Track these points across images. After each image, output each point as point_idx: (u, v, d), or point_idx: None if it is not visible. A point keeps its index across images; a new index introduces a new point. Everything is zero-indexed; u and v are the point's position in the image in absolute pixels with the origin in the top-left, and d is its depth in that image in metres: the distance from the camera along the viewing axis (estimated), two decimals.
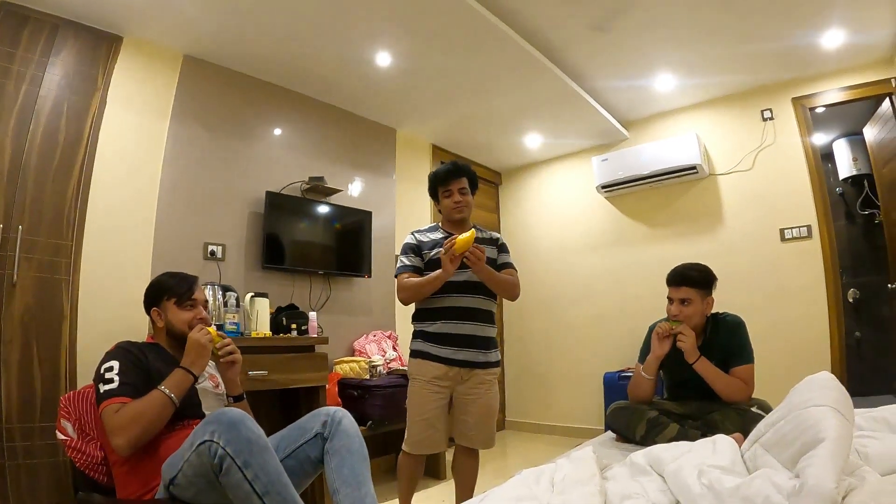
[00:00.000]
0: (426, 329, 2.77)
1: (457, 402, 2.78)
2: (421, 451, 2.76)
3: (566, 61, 4.40)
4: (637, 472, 1.70)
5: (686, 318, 2.70)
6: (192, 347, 2.02)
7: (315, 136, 4.69)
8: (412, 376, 2.79)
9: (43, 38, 3.21)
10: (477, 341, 2.76)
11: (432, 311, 2.77)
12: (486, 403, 2.78)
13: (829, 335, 4.35)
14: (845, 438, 1.33)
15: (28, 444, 2.84)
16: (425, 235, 2.90)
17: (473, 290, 2.77)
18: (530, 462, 2.27)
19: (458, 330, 2.72)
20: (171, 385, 1.88)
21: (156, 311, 2.18)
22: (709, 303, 2.76)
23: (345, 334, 4.56)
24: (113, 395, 1.82)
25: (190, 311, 2.17)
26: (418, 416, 2.71)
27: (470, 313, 2.76)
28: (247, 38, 3.76)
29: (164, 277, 2.24)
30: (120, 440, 1.74)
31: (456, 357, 2.70)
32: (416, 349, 2.79)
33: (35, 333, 2.97)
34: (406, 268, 2.80)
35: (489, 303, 2.86)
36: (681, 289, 2.73)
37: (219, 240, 3.90)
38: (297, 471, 1.98)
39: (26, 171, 3.04)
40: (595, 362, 5.60)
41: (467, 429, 2.77)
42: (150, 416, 1.80)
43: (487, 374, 2.80)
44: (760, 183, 4.84)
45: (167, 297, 2.17)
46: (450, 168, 2.88)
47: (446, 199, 2.87)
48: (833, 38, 4.05)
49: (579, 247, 6.03)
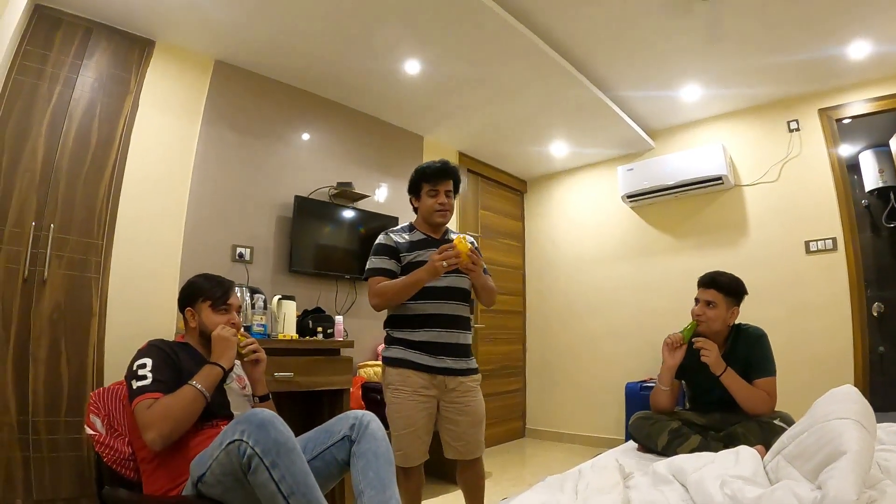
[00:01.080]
0: (408, 337, 2.63)
1: (443, 412, 2.64)
2: (411, 464, 2.62)
3: (592, 70, 4.42)
4: (659, 482, 1.73)
5: (707, 321, 2.73)
6: (217, 342, 2.08)
7: (343, 142, 4.75)
8: (395, 387, 2.60)
9: (76, 40, 3.28)
10: (459, 349, 2.68)
11: (414, 318, 2.64)
12: (474, 411, 2.67)
13: (852, 349, 4.32)
14: (867, 451, 1.35)
15: (53, 437, 2.91)
16: (401, 236, 2.74)
17: (455, 296, 2.69)
18: (550, 470, 2.29)
19: (442, 338, 2.62)
20: (201, 379, 1.93)
21: (190, 311, 2.23)
22: (733, 313, 2.77)
23: (370, 338, 4.60)
24: (146, 391, 1.87)
25: (224, 316, 2.22)
26: (407, 427, 2.57)
27: (453, 321, 2.66)
28: (277, 44, 3.83)
29: (201, 279, 2.28)
30: (153, 434, 1.78)
31: (441, 366, 2.59)
32: (397, 357, 2.63)
33: (63, 330, 3.03)
34: (379, 271, 2.65)
35: (468, 310, 2.78)
36: (709, 290, 2.75)
37: (247, 242, 3.96)
38: (324, 472, 1.99)
39: (58, 171, 3.11)
40: (617, 372, 5.60)
41: (454, 439, 2.65)
42: (182, 410, 1.84)
43: (472, 381, 2.70)
44: (786, 194, 4.82)
45: (202, 298, 2.22)
46: (440, 167, 2.71)
47: (430, 199, 2.71)
48: (860, 50, 4.03)
49: (603, 256, 6.03)
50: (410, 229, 2.80)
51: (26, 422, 2.84)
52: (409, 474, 2.66)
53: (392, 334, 2.71)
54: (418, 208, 2.81)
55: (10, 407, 2.80)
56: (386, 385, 2.66)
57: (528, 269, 6.81)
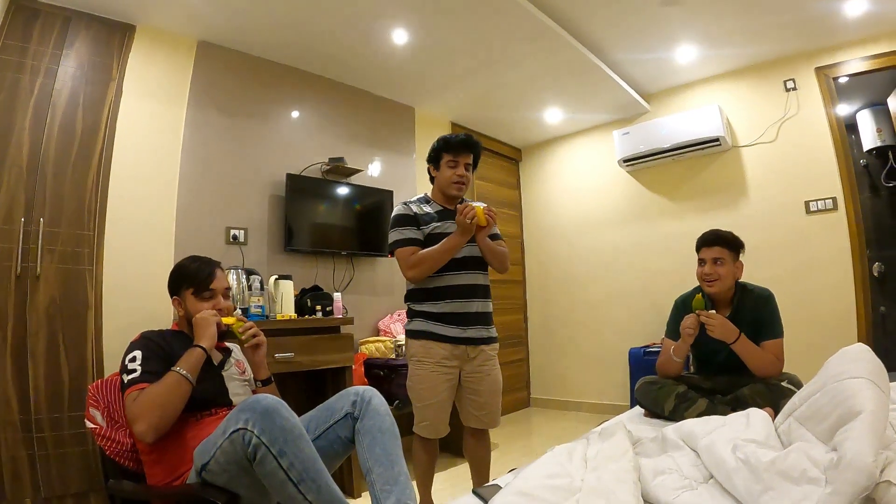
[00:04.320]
0: (430, 309, 2.65)
1: (465, 382, 2.67)
2: (438, 435, 2.67)
3: (585, 33, 4.33)
4: (669, 447, 1.71)
5: (720, 279, 2.69)
6: (196, 325, 2.04)
7: (333, 117, 4.68)
8: (417, 359, 2.64)
9: (55, 31, 3.21)
10: (482, 318, 2.69)
11: (434, 290, 2.65)
12: (494, 379, 2.71)
13: (855, 309, 4.32)
14: (882, 411, 1.32)
15: (57, 433, 2.90)
16: (419, 207, 2.74)
17: (474, 266, 2.70)
18: (556, 439, 2.27)
19: (464, 308, 2.64)
20: (184, 363, 1.88)
21: (176, 300, 2.18)
22: (739, 266, 2.76)
23: (369, 314, 4.59)
24: (134, 383, 1.84)
25: (208, 302, 2.15)
26: (430, 399, 2.60)
27: (473, 290, 2.68)
28: (260, 21, 3.74)
29: (186, 262, 2.22)
30: (141, 426, 1.75)
31: (463, 335, 2.62)
32: (420, 329, 2.66)
33: (60, 324, 3.00)
34: (408, 241, 2.63)
35: (487, 278, 2.79)
36: (713, 248, 2.72)
37: (241, 224, 3.92)
38: (328, 451, 1.97)
39: (45, 163, 3.06)
40: (620, 338, 5.60)
41: (477, 408, 2.69)
42: (167, 397, 1.80)
43: (492, 349, 2.73)
44: (784, 155, 4.77)
45: (186, 286, 2.16)
46: (464, 139, 2.72)
47: (450, 170, 2.72)
48: (856, 6, 3.96)
49: (601, 222, 5.99)
50: (427, 201, 2.82)
51: (29, 420, 2.82)
52: (427, 446, 2.70)
53: (413, 307, 2.74)
54: (436, 178, 2.82)
55: (11, 405, 2.79)
56: (409, 357, 2.70)
57: (527, 238, 6.78)
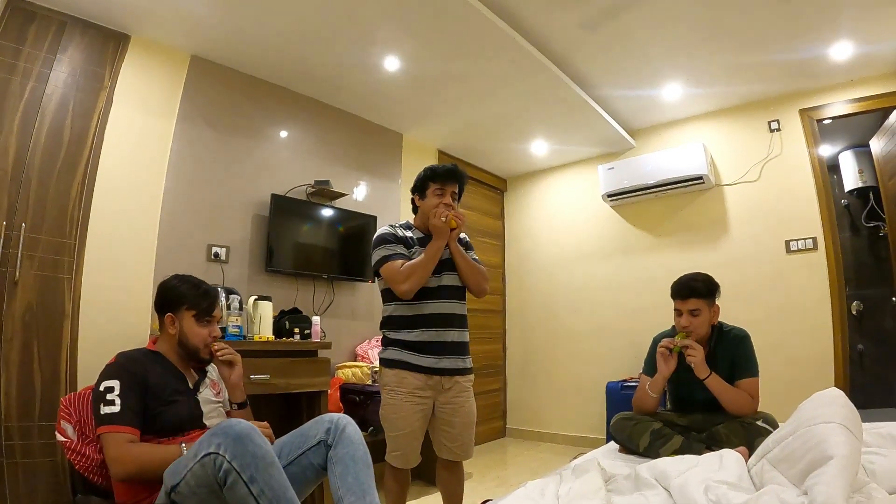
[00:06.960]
0: (404, 338, 2.58)
1: (439, 413, 2.60)
2: (409, 465, 2.62)
3: (574, 68, 4.40)
4: (642, 486, 1.70)
5: (696, 328, 2.70)
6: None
7: (321, 139, 4.68)
8: (391, 388, 2.56)
9: (50, 35, 3.20)
10: (458, 347, 2.63)
11: (410, 318, 2.59)
12: (468, 411, 2.65)
13: (832, 347, 4.33)
14: (854, 456, 1.32)
15: (27, 443, 2.83)
16: (402, 231, 2.70)
17: (451, 295, 2.65)
18: (531, 471, 2.26)
19: (440, 337, 2.57)
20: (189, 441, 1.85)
21: (170, 317, 2.13)
22: (715, 311, 2.77)
23: (347, 339, 4.55)
24: (115, 421, 1.80)
25: (206, 328, 2.15)
26: (403, 429, 2.54)
27: (450, 319, 2.62)
28: (255, 40, 3.76)
29: (187, 287, 2.17)
30: (119, 471, 1.73)
31: (438, 366, 2.55)
32: (394, 358, 2.59)
33: (36, 332, 2.95)
34: (395, 256, 2.56)
35: (464, 307, 2.75)
36: (689, 301, 2.72)
37: (222, 242, 3.88)
38: (300, 478, 1.96)
39: (30, 168, 3.02)
40: (598, 371, 5.58)
41: (450, 440, 2.61)
42: (158, 464, 1.77)
43: (467, 381, 2.66)
44: (767, 194, 4.83)
45: (187, 307, 2.12)
46: (451, 168, 2.69)
47: (435, 198, 2.65)
48: (842, 50, 4.05)
49: (584, 255, 6.01)
50: (409, 227, 2.77)
51: None
52: (398, 476, 2.64)
53: (388, 335, 2.67)
54: (420, 207, 2.76)
55: None
56: (382, 386, 2.63)
57: (508, 268, 6.79)
